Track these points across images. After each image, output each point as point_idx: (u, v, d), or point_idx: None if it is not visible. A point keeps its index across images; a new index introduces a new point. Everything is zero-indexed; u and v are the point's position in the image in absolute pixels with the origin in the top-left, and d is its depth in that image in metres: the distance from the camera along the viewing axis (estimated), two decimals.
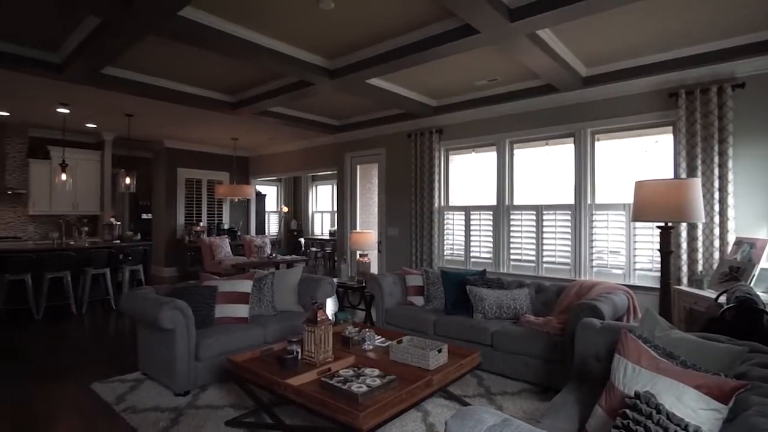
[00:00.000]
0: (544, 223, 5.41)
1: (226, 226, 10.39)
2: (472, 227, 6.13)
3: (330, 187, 12.87)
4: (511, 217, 5.73)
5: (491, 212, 5.90)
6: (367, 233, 5.20)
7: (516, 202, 5.75)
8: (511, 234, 5.73)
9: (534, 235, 5.48)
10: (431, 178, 6.40)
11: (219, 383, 3.42)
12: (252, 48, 4.04)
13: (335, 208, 12.43)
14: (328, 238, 11.86)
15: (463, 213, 6.23)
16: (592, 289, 3.73)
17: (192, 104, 5.92)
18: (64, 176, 6.81)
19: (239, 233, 10.43)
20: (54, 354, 4.30)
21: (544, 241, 5.40)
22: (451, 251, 6.39)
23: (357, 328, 3.29)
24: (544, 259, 5.39)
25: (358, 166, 7.82)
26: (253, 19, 3.74)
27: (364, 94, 5.46)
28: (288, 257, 8.33)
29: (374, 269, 5.68)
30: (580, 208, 5.08)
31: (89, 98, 6.03)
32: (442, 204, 6.47)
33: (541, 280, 4.79)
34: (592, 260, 5.02)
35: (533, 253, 5.49)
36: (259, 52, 4.11)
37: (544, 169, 5.55)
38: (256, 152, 10.66)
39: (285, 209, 13.10)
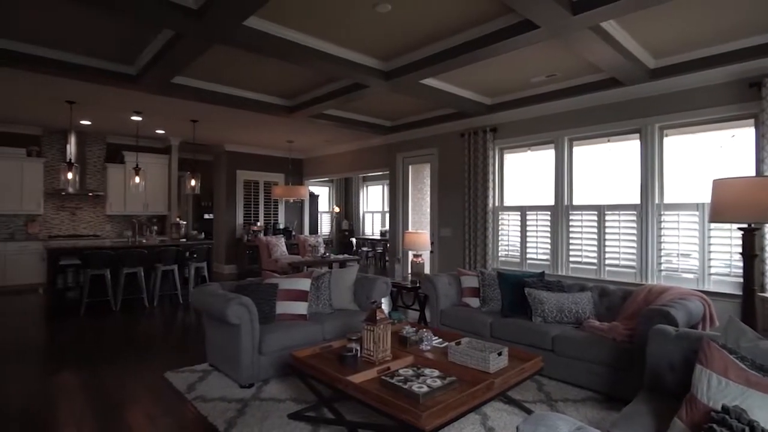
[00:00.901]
0: (607, 224, 5.16)
1: (281, 226, 10.76)
2: (528, 228, 5.96)
3: (381, 187, 12.98)
4: (571, 217, 5.51)
5: (549, 212, 5.71)
6: (421, 233, 5.19)
7: (576, 202, 5.52)
8: (571, 235, 5.51)
9: (595, 236, 5.24)
10: (485, 178, 6.30)
11: (280, 377, 3.56)
12: (311, 53, 4.16)
13: (386, 209, 12.54)
14: (379, 238, 11.97)
15: (519, 213, 6.07)
16: (663, 295, 3.51)
17: (252, 109, 6.18)
18: (137, 179, 7.34)
19: (293, 233, 10.77)
20: (131, 343, 4.65)
21: (607, 243, 5.15)
22: (506, 252, 6.25)
23: (414, 329, 3.30)
24: (607, 262, 5.14)
25: (410, 167, 7.83)
26: (312, 25, 3.85)
27: (418, 95, 5.46)
28: (341, 256, 8.49)
29: (426, 269, 5.67)
30: (647, 208, 4.80)
31: (159, 106, 6.47)
32: (497, 204, 6.34)
33: (604, 283, 4.57)
34: (660, 263, 4.73)
35: (594, 255, 5.25)
36: (318, 57, 4.23)
37: (605, 167, 5.30)
38: (309, 154, 10.96)
39: (337, 209, 13.36)
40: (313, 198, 12.33)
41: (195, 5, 3.39)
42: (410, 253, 7.11)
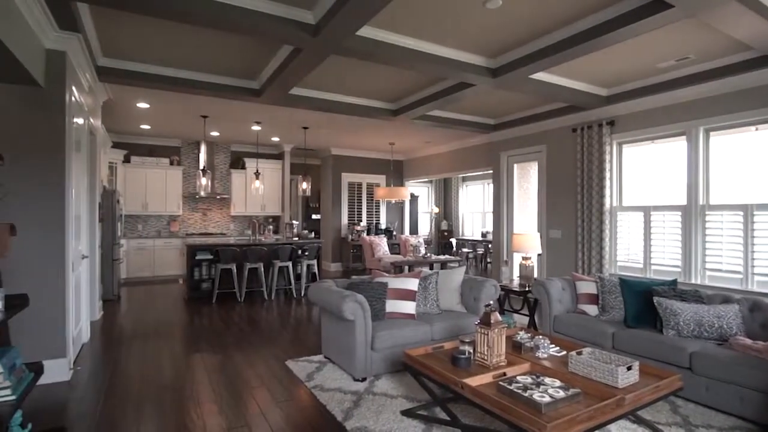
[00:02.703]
0: (756, 226, 4.44)
1: (382, 226, 11.06)
2: (653, 230, 5.37)
3: (481, 186, 12.68)
4: (708, 218, 4.85)
5: (680, 213, 5.08)
6: (531, 235, 4.97)
7: (713, 201, 4.84)
8: (708, 239, 4.85)
9: (741, 240, 4.55)
10: (601, 175, 5.82)
11: (391, 373, 3.66)
12: (419, 57, 4.22)
13: (486, 209, 12.22)
14: (479, 239, 11.70)
15: (642, 213, 5.50)
16: None
17: (358, 114, 6.44)
18: (257, 183, 8.08)
19: (394, 233, 11.00)
20: (254, 330, 5.14)
21: (755, 248, 4.43)
22: (627, 256, 5.70)
23: (529, 334, 3.17)
24: (756, 270, 4.43)
25: (515, 165, 7.53)
26: (420, 29, 3.90)
27: (526, 90, 5.23)
28: (442, 257, 8.47)
29: (534, 273, 5.40)
30: None
31: (276, 116, 7.05)
32: (615, 204, 5.82)
33: (755, 295, 3.95)
34: None
35: (740, 262, 4.55)
36: (426, 60, 4.27)
37: (753, 159, 4.57)
38: (410, 155, 11.11)
39: (436, 210, 13.35)
40: (413, 199, 12.47)
41: (314, 20, 3.64)
42: (516, 255, 6.85)
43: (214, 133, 8.81)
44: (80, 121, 4.35)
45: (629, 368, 2.49)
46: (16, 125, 3.42)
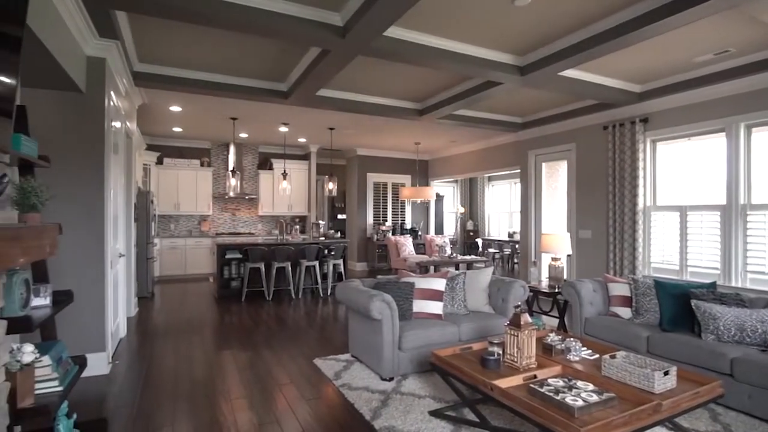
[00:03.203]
0: None
1: (408, 226, 11.05)
2: (689, 230, 5.18)
3: (507, 186, 12.50)
4: (749, 218, 4.65)
5: (718, 212, 4.89)
6: (560, 235, 4.87)
7: (756, 200, 4.63)
8: (749, 239, 4.65)
9: None
10: (634, 174, 5.65)
11: (418, 373, 3.66)
12: (446, 56, 4.21)
13: (513, 208, 12.04)
14: (506, 239, 11.55)
15: (678, 213, 5.32)
16: None
17: (384, 114, 6.46)
18: (284, 183, 8.21)
19: (420, 233, 10.98)
20: (282, 328, 5.22)
21: None
22: (661, 258, 5.52)
23: (559, 336, 3.11)
24: None
25: (544, 164, 7.40)
26: (447, 28, 3.89)
27: (555, 88, 5.14)
28: (468, 257, 8.40)
29: (563, 274, 5.28)
30: None
31: (303, 117, 7.14)
32: (649, 203, 5.64)
33: None
34: None
35: None
36: (453, 59, 4.25)
37: None
38: (435, 155, 11.06)
39: (461, 210, 13.24)
40: (439, 198, 12.41)
41: (341, 21, 3.68)
42: (544, 256, 6.73)
43: (243, 135, 8.99)
44: (118, 124, 4.53)
45: (666, 373, 2.41)
46: (60, 129, 3.58)
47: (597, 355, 2.95)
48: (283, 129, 8.22)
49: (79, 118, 3.67)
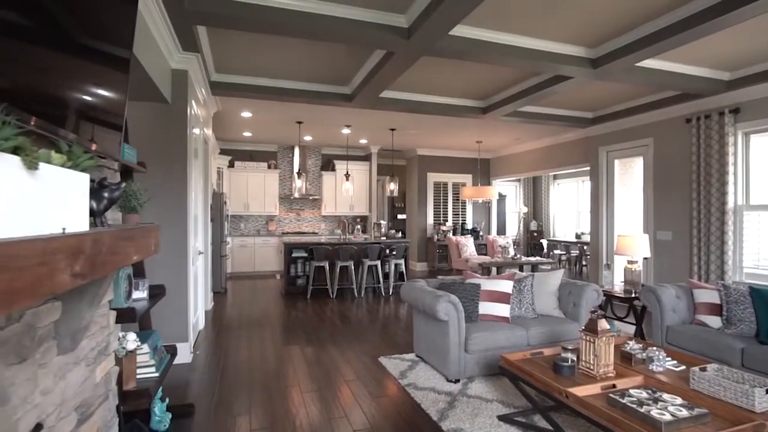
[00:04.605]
0: None
1: (469, 226, 10.88)
2: None
3: (574, 184, 11.92)
4: None
5: None
6: (638, 236, 4.56)
7: None
8: None
9: None
10: (722, 170, 5.17)
11: (484, 377, 3.60)
12: (513, 52, 4.10)
13: (580, 208, 11.46)
14: (573, 240, 11.02)
15: None
16: None
17: (447, 113, 6.41)
18: (347, 184, 8.40)
19: (481, 233, 10.77)
20: (347, 326, 5.35)
21: None
22: (756, 262, 5.01)
23: (640, 345, 2.93)
24: None
25: (616, 161, 6.98)
26: (514, 23, 3.79)
27: (631, 80, 4.84)
28: (532, 259, 8.12)
29: (640, 278, 4.93)
30: None
31: (365, 119, 7.26)
32: (740, 202, 5.14)
33: None
34: None
35: None
36: (520, 55, 4.13)
37: None
38: (497, 153, 10.80)
39: (525, 209, 12.81)
40: (501, 198, 12.10)
41: (406, 23, 3.70)
42: (617, 258, 6.35)
43: (307, 138, 9.31)
44: (197, 131, 4.87)
45: None
46: (150, 137, 3.92)
47: (683, 367, 2.74)
48: (346, 131, 8.41)
49: (165, 126, 3.99)
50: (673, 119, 5.93)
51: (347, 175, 8.44)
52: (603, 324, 2.57)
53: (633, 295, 4.41)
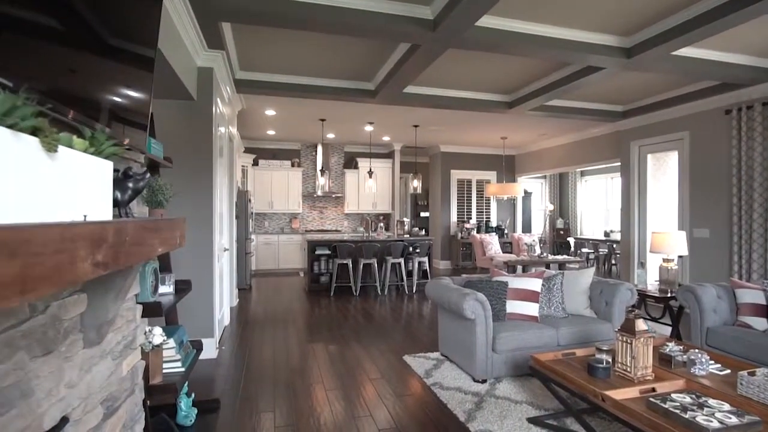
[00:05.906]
0: None
1: (493, 224, 10.69)
2: None
3: (603, 181, 11.56)
4: None
5: None
6: (674, 234, 4.36)
7: None
8: None
9: None
10: (766, 164, 4.89)
11: (512, 377, 3.49)
12: (543, 42, 3.97)
13: (609, 205, 11.12)
14: (602, 238, 10.69)
15: None
16: None
17: (472, 108, 6.29)
18: (370, 182, 8.36)
19: (506, 231, 10.57)
20: (370, 324, 5.30)
21: None
22: None
23: (680, 347, 2.77)
24: None
25: (649, 156, 6.71)
26: (543, 12, 3.66)
27: (666, 70, 4.62)
28: (559, 257, 7.91)
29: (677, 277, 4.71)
30: None
31: (388, 115, 7.20)
32: None
33: None
34: None
35: None
36: (550, 45, 4.00)
37: None
38: (522, 150, 10.58)
39: (551, 207, 12.51)
40: (526, 195, 11.86)
41: (432, 15, 3.62)
42: (650, 256, 6.11)
43: (330, 135, 9.32)
44: (222, 129, 4.90)
45: None
46: (176, 134, 3.95)
47: (728, 371, 2.58)
48: (369, 128, 8.36)
49: (191, 123, 4.03)
50: (711, 111, 5.65)
51: (370, 173, 8.39)
52: (641, 324, 2.44)
53: (669, 295, 4.21)
